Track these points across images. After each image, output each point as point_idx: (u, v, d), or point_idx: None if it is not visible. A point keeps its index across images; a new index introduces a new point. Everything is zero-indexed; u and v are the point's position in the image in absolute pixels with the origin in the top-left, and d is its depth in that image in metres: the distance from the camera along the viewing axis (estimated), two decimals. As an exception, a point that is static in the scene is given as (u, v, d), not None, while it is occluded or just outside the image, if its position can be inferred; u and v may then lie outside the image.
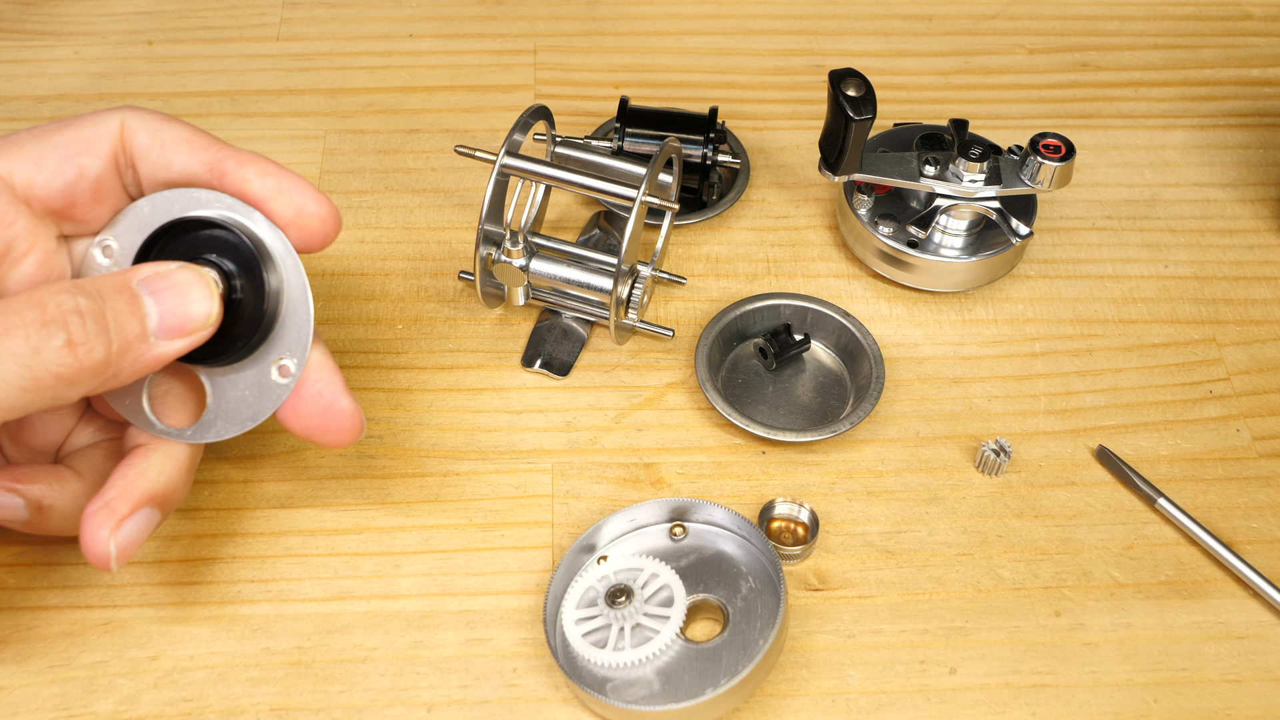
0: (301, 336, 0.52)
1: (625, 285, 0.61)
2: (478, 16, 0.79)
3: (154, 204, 0.52)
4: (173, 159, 0.52)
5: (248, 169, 0.52)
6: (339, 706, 0.54)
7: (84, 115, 0.52)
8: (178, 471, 0.53)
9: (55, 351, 0.47)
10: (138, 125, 0.52)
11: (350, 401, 0.52)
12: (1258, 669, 0.56)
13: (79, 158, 0.51)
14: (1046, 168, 0.63)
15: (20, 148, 0.51)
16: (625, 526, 0.58)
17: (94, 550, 0.50)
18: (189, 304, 0.50)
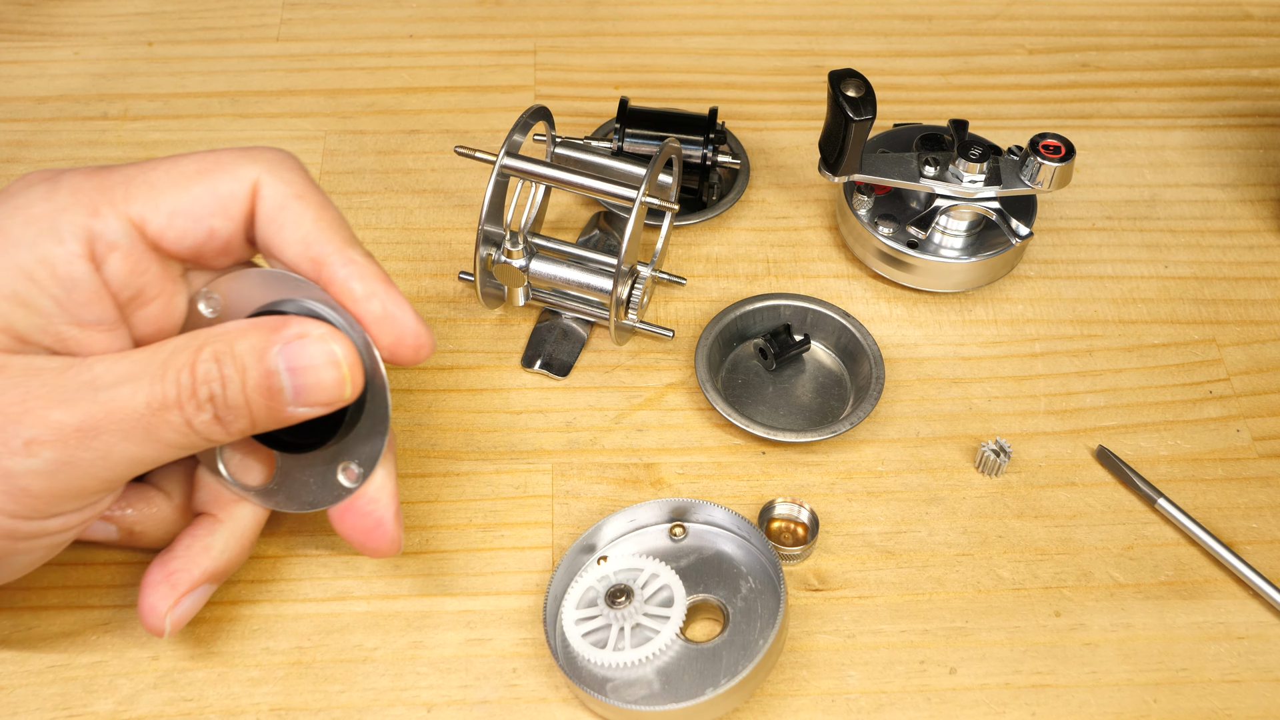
0: (373, 450, 0.52)
1: (625, 286, 0.61)
2: (478, 17, 0.79)
3: (264, 279, 0.52)
4: (285, 246, 0.51)
5: (354, 284, 0.50)
6: (339, 706, 0.54)
7: (224, 158, 0.51)
8: (241, 548, 0.54)
9: (206, 424, 0.49)
10: (269, 193, 0.51)
11: (396, 529, 0.53)
12: (1258, 669, 0.56)
13: (211, 220, 0.51)
14: (1046, 168, 0.63)
15: (156, 194, 0.50)
16: (625, 527, 0.58)
17: (150, 621, 0.52)
18: (319, 383, 0.50)
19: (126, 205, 0.50)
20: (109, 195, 0.50)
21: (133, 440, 0.48)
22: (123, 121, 0.73)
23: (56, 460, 0.47)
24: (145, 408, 0.48)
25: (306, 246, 0.51)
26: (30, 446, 0.47)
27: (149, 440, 0.48)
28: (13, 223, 0.49)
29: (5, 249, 0.48)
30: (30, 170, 0.70)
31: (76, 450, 0.47)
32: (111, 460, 0.48)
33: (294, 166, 0.52)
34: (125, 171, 0.50)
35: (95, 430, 0.47)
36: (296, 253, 0.51)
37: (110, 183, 0.50)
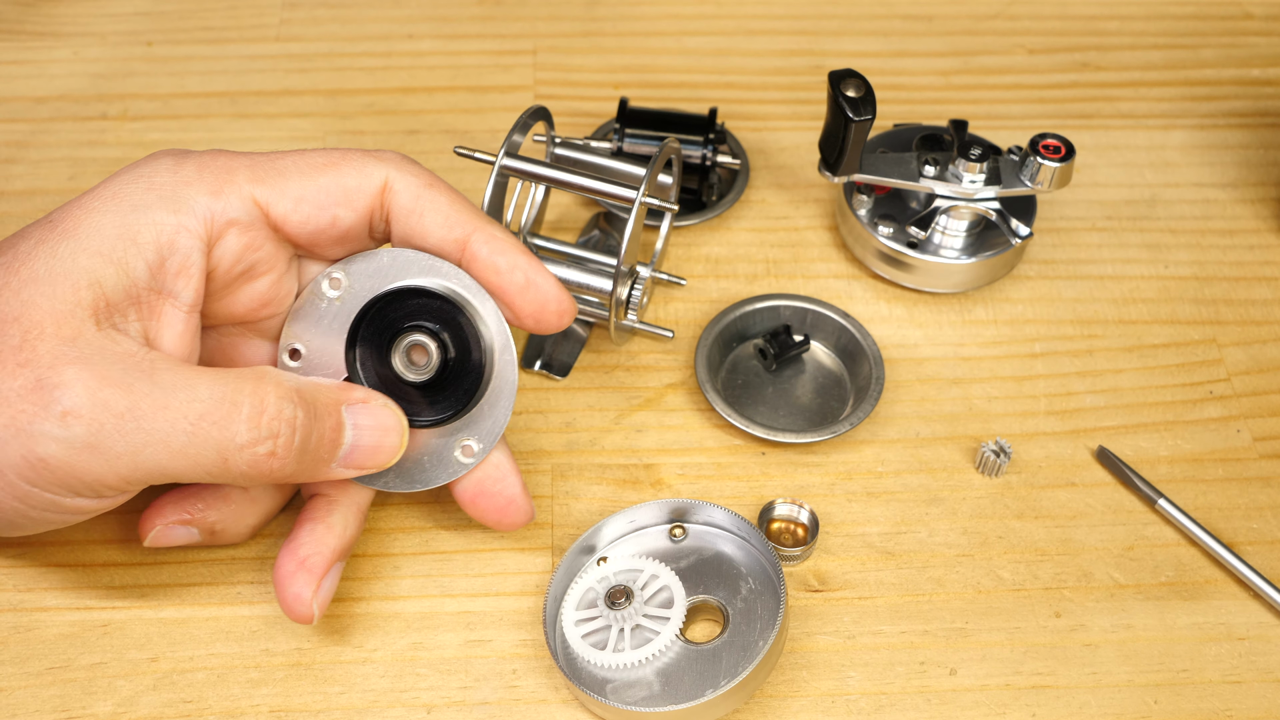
0: (494, 426, 0.55)
1: (625, 286, 0.61)
2: (477, 17, 0.79)
3: (394, 259, 0.54)
4: (428, 231, 0.53)
5: (497, 259, 0.53)
6: (339, 708, 0.54)
7: (350, 155, 0.54)
8: (358, 521, 0.55)
9: (255, 456, 0.49)
10: (401, 187, 0.53)
11: (528, 501, 0.56)
12: (1258, 670, 0.56)
13: (336, 209, 0.53)
14: (1046, 168, 0.63)
15: (283, 180, 0.52)
16: (625, 528, 0.58)
17: (297, 611, 0.52)
18: (379, 448, 0.52)
19: (253, 187, 0.52)
20: (233, 176, 0.52)
21: (168, 447, 0.48)
22: (122, 121, 0.73)
23: (85, 440, 0.47)
24: (198, 418, 0.48)
25: (449, 229, 0.53)
26: (66, 417, 0.47)
27: (183, 453, 0.48)
28: (133, 188, 0.51)
29: (118, 209, 0.50)
30: (28, 170, 0.70)
31: (109, 434, 0.47)
32: (137, 460, 0.48)
33: (415, 164, 0.54)
34: (251, 157, 0.53)
35: (137, 420, 0.47)
36: (440, 236, 0.53)
37: (236, 165, 0.52)
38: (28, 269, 0.49)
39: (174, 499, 0.54)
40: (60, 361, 0.48)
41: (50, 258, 0.49)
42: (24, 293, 0.49)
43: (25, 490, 0.48)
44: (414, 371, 0.53)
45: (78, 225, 0.50)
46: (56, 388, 0.47)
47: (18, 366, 0.48)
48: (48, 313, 0.48)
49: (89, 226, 0.50)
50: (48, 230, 0.50)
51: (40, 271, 0.49)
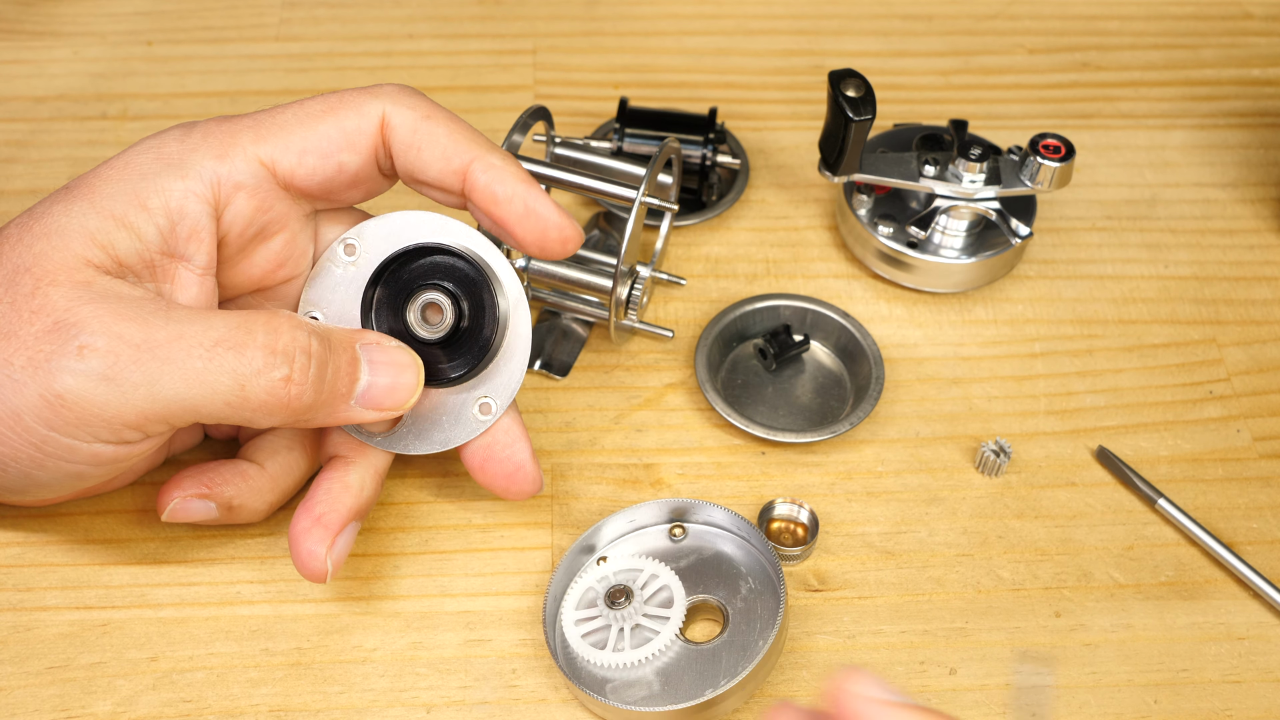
0: (510, 382, 0.55)
1: (625, 286, 0.61)
2: (477, 16, 0.79)
3: (406, 220, 0.55)
4: (427, 164, 0.54)
5: (495, 188, 0.53)
6: (338, 707, 0.54)
7: (347, 96, 0.54)
8: (377, 484, 0.55)
9: (272, 381, 0.49)
10: (399, 121, 0.53)
11: (536, 469, 0.56)
12: (1258, 670, 0.56)
13: (340, 154, 0.53)
14: (1046, 168, 0.63)
15: (284, 133, 0.53)
16: (625, 527, 0.58)
17: (311, 567, 0.52)
18: (395, 386, 0.52)
19: (256, 147, 0.52)
20: (237, 139, 0.52)
21: (184, 374, 0.48)
22: (122, 121, 0.73)
23: (101, 371, 0.47)
24: (214, 343, 0.48)
25: (447, 161, 0.53)
26: (82, 351, 0.47)
27: (200, 381, 0.48)
28: (144, 158, 0.52)
29: (128, 177, 0.51)
30: (28, 169, 0.70)
31: (125, 366, 0.47)
32: (154, 391, 0.48)
33: (415, 93, 0.54)
34: (254, 116, 0.53)
35: (153, 349, 0.48)
36: (439, 169, 0.53)
37: (239, 127, 0.53)
38: (40, 225, 0.50)
39: (192, 473, 0.54)
40: (76, 303, 0.48)
41: (63, 215, 0.50)
42: (36, 246, 0.50)
43: (43, 435, 0.48)
44: (429, 330, 0.53)
45: (91, 190, 0.51)
46: (74, 325, 0.48)
47: (32, 313, 0.48)
48: (59, 263, 0.49)
49: (101, 192, 0.51)
50: (62, 194, 0.52)
51: (52, 227, 0.50)
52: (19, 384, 0.48)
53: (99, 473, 0.51)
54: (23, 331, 0.48)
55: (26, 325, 0.48)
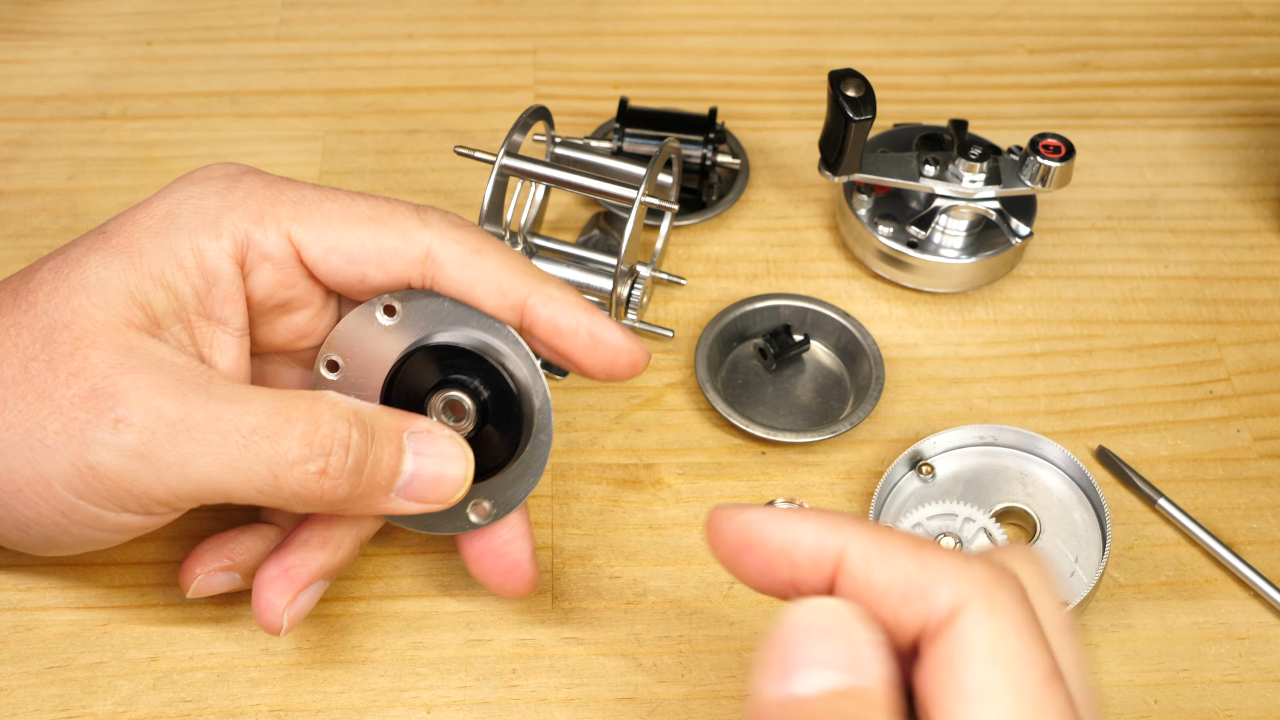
0: (513, 498, 0.53)
1: (625, 286, 0.61)
2: (478, 16, 0.79)
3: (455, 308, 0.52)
4: (481, 301, 0.51)
5: (559, 321, 0.51)
6: (338, 707, 0.54)
7: (396, 214, 0.51)
8: (354, 547, 0.54)
9: (306, 474, 0.48)
10: (447, 258, 0.51)
11: (533, 570, 0.54)
12: (1259, 670, 0.56)
13: (366, 267, 0.51)
14: (1046, 168, 0.63)
15: (323, 225, 0.51)
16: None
17: (267, 619, 0.51)
18: (441, 479, 0.50)
19: (292, 224, 0.51)
20: (276, 209, 0.51)
21: (219, 459, 0.47)
22: (122, 121, 0.73)
23: (135, 448, 0.47)
24: (251, 431, 0.47)
25: (502, 296, 0.51)
26: (118, 425, 0.47)
27: (234, 467, 0.47)
28: (184, 209, 0.51)
29: (168, 232, 0.50)
30: (28, 169, 0.70)
31: (161, 444, 0.47)
32: (187, 472, 0.47)
33: (463, 225, 0.52)
34: (301, 191, 0.51)
35: (189, 430, 0.47)
36: (495, 304, 0.51)
37: (284, 197, 0.51)
38: (78, 276, 0.49)
39: (213, 545, 0.53)
40: (115, 371, 0.47)
41: (102, 268, 0.49)
42: (74, 300, 0.48)
43: (71, 504, 0.48)
44: (451, 426, 0.52)
45: (131, 242, 0.50)
46: (111, 396, 0.47)
47: (70, 375, 0.47)
48: (100, 323, 0.48)
49: (140, 246, 0.49)
50: (100, 240, 0.50)
51: (91, 280, 0.49)
52: (51, 451, 0.47)
53: (122, 539, 0.51)
54: (58, 395, 0.47)
55: (63, 388, 0.47)
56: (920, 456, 0.60)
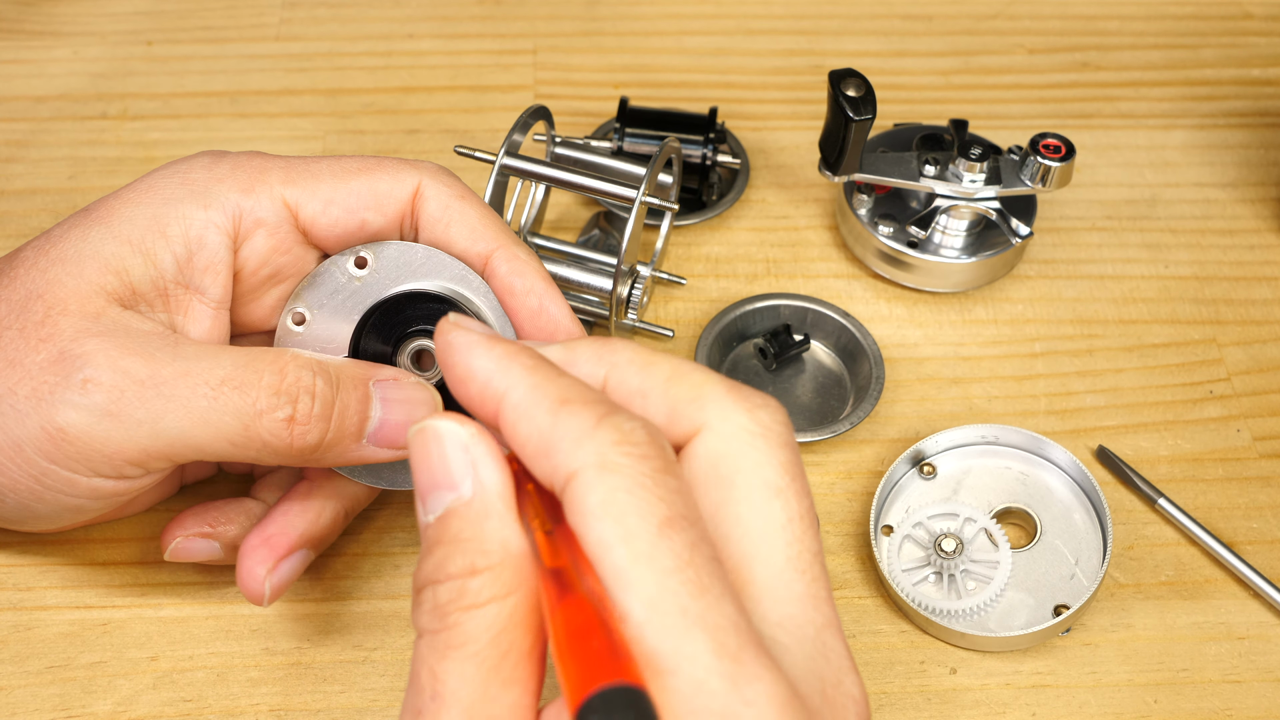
0: None
1: (625, 286, 0.61)
2: (478, 16, 0.79)
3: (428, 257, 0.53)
4: (453, 241, 0.53)
5: (515, 279, 0.52)
6: (338, 707, 0.54)
7: (385, 162, 0.53)
8: (337, 515, 0.54)
9: (275, 422, 0.48)
10: (432, 194, 0.53)
11: None
12: (1258, 669, 0.56)
13: (365, 212, 0.52)
14: (1046, 168, 0.63)
15: (315, 182, 0.52)
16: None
17: (249, 587, 0.52)
18: (410, 422, 0.50)
19: (284, 188, 0.52)
20: (266, 176, 0.52)
21: (189, 413, 0.48)
22: (122, 121, 0.73)
23: (104, 406, 0.47)
24: (220, 382, 0.48)
25: (473, 242, 0.53)
26: (85, 385, 0.47)
27: (204, 420, 0.48)
28: (168, 182, 0.52)
29: (149, 201, 0.51)
30: (28, 169, 0.70)
31: (129, 401, 0.47)
32: (158, 428, 0.48)
33: (451, 176, 0.54)
34: (288, 159, 0.53)
35: (157, 386, 0.47)
36: (464, 247, 0.53)
37: (269, 165, 0.52)
38: (56, 249, 0.50)
39: (196, 512, 0.54)
40: (83, 335, 0.48)
41: (80, 240, 0.50)
42: (50, 271, 0.49)
43: (43, 467, 0.48)
44: (422, 376, 0.53)
45: (110, 214, 0.51)
46: (79, 358, 0.48)
47: (40, 341, 0.48)
48: (72, 291, 0.49)
49: (121, 216, 0.50)
50: (82, 217, 0.51)
51: (69, 252, 0.50)
52: (21, 415, 0.48)
53: (98, 506, 0.51)
54: (28, 360, 0.48)
55: (32, 354, 0.48)
56: (922, 456, 0.60)
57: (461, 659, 0.38)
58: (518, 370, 0.40)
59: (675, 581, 0.36)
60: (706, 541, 0.38)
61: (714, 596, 0.37)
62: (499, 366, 0.40)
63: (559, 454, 0.38)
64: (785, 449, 0.41)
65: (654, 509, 0.37)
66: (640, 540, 0.37)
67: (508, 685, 0.38)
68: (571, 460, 0.38)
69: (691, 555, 0.37)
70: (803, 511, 0.40)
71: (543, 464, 0.39)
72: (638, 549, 0.37)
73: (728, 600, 0.37)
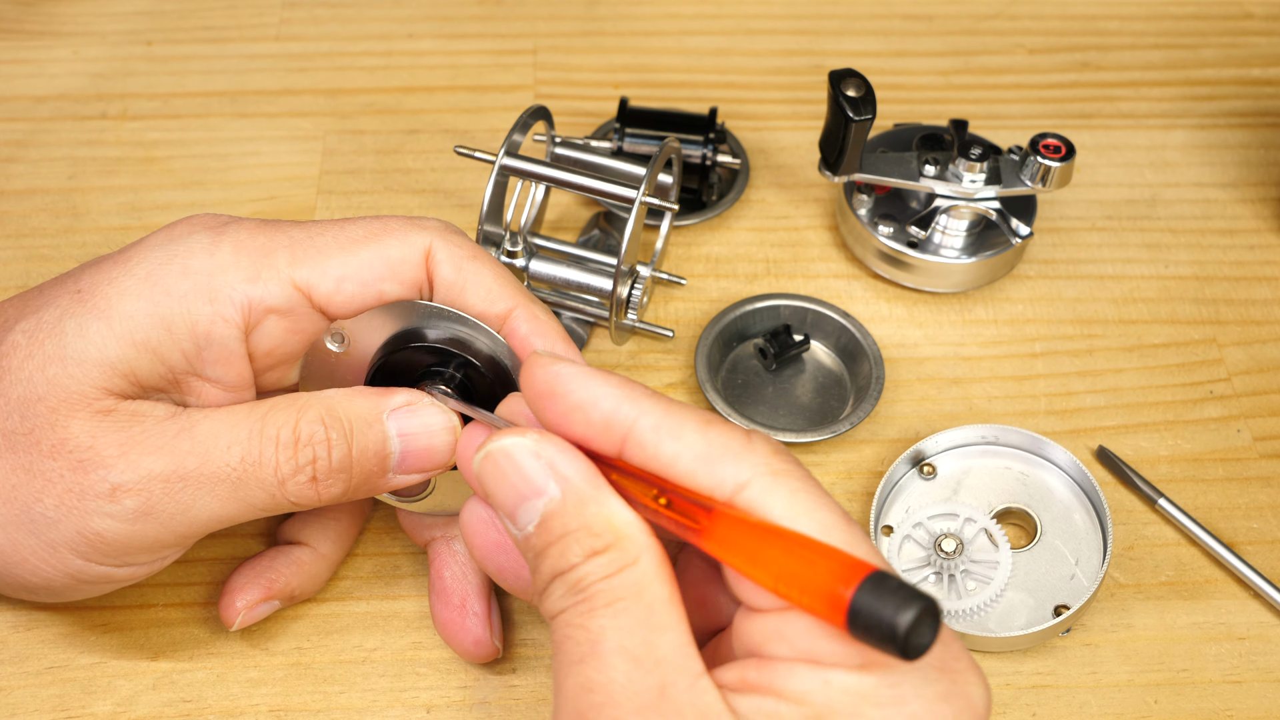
0: None
1: (625, 286, 0.61)
2: (478, 16, 0.79)
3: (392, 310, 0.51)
4: (469, 304, 0.51)
5: (535, 340, 0.51)
6: (338, 707, 0.54)
7: (391, 225, 0.51)
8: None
9: (298, 486, 0.48)
10: (444, 257, 0.51)
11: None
12: (1259, 670, 0.56)
13: (381, 284, 0.50)
14: (1046, 168, 0.63)
15: (324, 260, 0.50)
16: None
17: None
18: (431, 450, 0.50)
19: (291, 270, 0.50)
20: (272, 259, 0.50)
21: (217, 496, 0.48)
22: (122, 121, 0.73)
23: (137, 510, 0.47)
24: (240, 462, 0.48)
25: (490, 303, 0.51)
26: (115, 492, 0.47)
27: (233, 498, 0.48)
28: (168, 270, 0.49)
29: (153, 296, 0.49)
30: (28, 169, 0.70)
31: (160, 500, 0.47)
32: (191, 515, 0.48)
33: (460, 234, 0.52)
34: (290, 233, 0.50)
35: (183, 480, 0.47)
36: (482, 309, 0.51)
37: (274, 246, 0.50)
38: (54, 344, 0.48)
39: (249, 575, 0.54)
40: (97, 437, 0.47)
41: (79, 337, 0.48)
42: (49, 370, 0.48)
43: (79, 566, 0.48)
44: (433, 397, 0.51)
45: (110, 307, 0.48)
46: (99, 465, 0.47)
47: (53, 448, 0.47)
48: (77, 393, 0.47)
49: (122, 311, 0.48)
50: (76, 304, 0.49)
51: (69, 351, 0.48)
52: (53, 521, 0.47)
53: (129, 583, 0.51)
54: (46, 468, 0.47)
55: (48, 461, 0.47)
56: (922, 456, 0.60)
57: (613, 613, 0.40)
58: (643, 397, 0.43)
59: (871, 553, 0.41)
60: None
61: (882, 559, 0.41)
62: (624, 393, 0.43)
63: (724, 465, 0.41)
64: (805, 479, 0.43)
65: (830, 503, 0.41)
66: (838, 530, 0.41)
67: (662, 630, 0.40)
68: (740, 471, 0.41)
69: (864, 536, 0.41)
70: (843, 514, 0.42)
71: (704, 477, 0.41)
72: (838, 537, 0.40)
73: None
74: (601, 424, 0.43)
